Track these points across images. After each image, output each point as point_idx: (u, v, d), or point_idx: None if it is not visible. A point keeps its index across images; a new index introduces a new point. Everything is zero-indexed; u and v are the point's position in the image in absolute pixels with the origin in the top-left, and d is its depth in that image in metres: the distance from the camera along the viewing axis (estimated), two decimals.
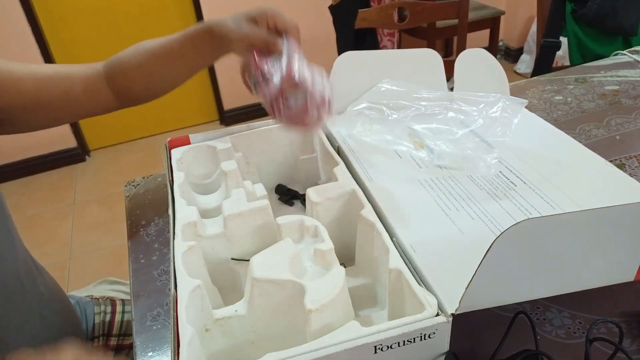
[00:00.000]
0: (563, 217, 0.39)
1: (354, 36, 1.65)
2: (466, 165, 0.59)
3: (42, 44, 2.13)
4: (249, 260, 0.46)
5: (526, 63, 2.78)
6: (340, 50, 1.76)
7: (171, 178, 0.60)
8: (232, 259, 0.54)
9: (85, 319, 0.74)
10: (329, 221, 0.54)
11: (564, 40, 1.48)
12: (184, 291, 0.43)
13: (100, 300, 0.78)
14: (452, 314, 0.39)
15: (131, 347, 0.59)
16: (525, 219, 0.36)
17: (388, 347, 0.38)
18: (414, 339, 0.39)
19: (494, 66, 0.73)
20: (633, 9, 1.35)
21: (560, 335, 0.48)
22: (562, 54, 1.65)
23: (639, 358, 0.45)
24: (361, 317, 0.49)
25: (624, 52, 1.08)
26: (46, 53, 2.16)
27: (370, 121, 0.67)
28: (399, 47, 2.55)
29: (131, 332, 0.55)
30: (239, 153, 0.66)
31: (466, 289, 0.38)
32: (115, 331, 0.75)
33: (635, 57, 1.05)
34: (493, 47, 2.32)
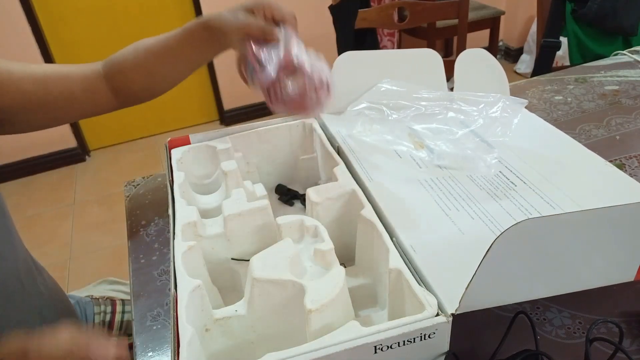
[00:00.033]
0: (563, 217, 0.40)
1: (354, 36, 1.65)
2: (466, 165, 0.59)
3: (42, 44, 2.13)
4: (249, 260, 0.46)
5: (526, 63, 2.79)
6: (340, 50, 1.75)
7: (171, 178, 0.60)
8: (232, 259, 0.54)
9: (85, 319, 0.74)
10: (329, 221, 0.54)
11: (564, 40, 1.48)
12: (184, 291, 0.43)
13: (100, 300, 0.78)
14: (452, 314, 0.39)
15: (131, 347, 0.59)
16: (525, 219, 0.36)
17: (388, 347, 0.38)
18: (414, 339, 0.39)
19: (494, 66, 0.73)
20: (633, 9, 1.35)
21: (560, 335, 0.48)
22: (562, 54, 1.65)
23: (639, 358, 0.45)
24: (361, 317, 0.49)
25: (624, 52, 1.08)
26: (46, 53, 2.16)
27: (370, 121, 0.67)
28: (399, 47, 2.55)
29: (131, 332, 0.55)
30: (239, 153, 0.66)
31: (466, 289, 0.38)
32: (115, 331, 0.75)
33: (635, 57, 1.05)
34: (493, 47, 2.32)
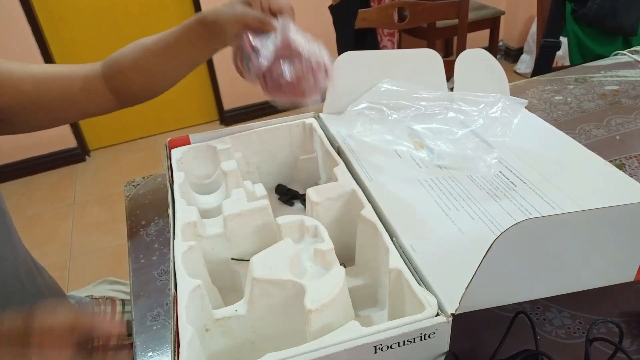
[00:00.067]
0: (563, 217, 0.40)
1: (354, 36, 1.65)
2: (466, 165, 0.59)
3: (42, 44, 2.13)
4: (249, 260, 0.46)
5: (526, 63, 2.79)
6: (340, 50, 1.75)
7: (171, 178, 0.60)
8: (232, 259, 0.54)
9: None
10: (329, 221, 0.54)
11: (564, 40, 1.48)
12: (184, 291, 0.43)
13: (100, 300, 0.78)
14: (452, 314, 0.39)
15: (131, 347, 0.59)
16: (525, 219, 0.36)
17: (388, 347, 0.38)
18: (414, 339, 0.39)
19: (494, 66, 0.73)
20: (633, 9, 1.35)
21: (560, 335, 0.48)
22: (562, 54, 1.65)
23: (639, 358, 0.45)
24: (361, 317, 0.49)
25: (624, 52, 1.08)
26: (46, 53, 2.16)
27: (370, 121, 0.67)
28: (399, 47, 2.55)
29: (131, 332, 0.55)
30: (239, 153, 0.66)
31: (466, 289, 0.38)
32: None
33: (635, 57, 1.05)
34: (493, 47, 2.32)
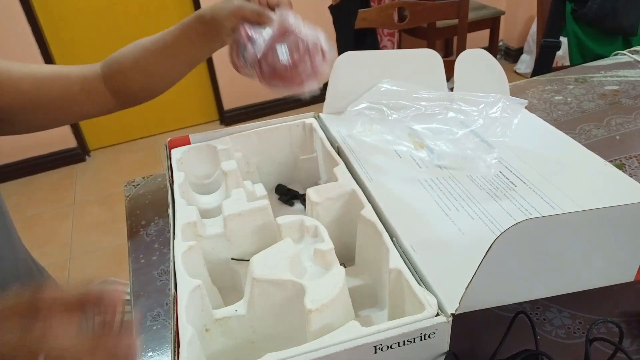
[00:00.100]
0: (563, 217, 0.40)
1: (354, 36, 1.65)
2: (466, 165, 0.59)
3: (42, 44, 2.13)
4: (249, 260, 0.46)
5: (526, 63, 2.79)
6: (340, 50, 1.75)
7: (171, 178, 0.60)
8: (232, 259, 0.54)
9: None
10: (329, 221, 0.54)
11: (564, 40, 1.47)
12: (184, 291, 0.43)
13: None
14: (452, 314, 0.39)
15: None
16: (525, 219, 0.36)
17: (388, 347, 0.38)
18: (414, 339, 0.39)
19: (494, 66, 0.73)
20: (633, 9, 1.35)
21: (560, 335, 0.48)
22: (562, 54, 1.65)
23: (639, 358, 0.45)
24: (361, 317, 0.49)
25: (624, 52, 1.08)
26: (46, 53, 2.16)
27: (370, 121, 0.67)
28: (399, 47, 2.55)
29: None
30: (239, 153, 0.66)
31: (466, 289, 0.38)
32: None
33: (635, 57, 1.05)
34: (493, 47, 2.32)
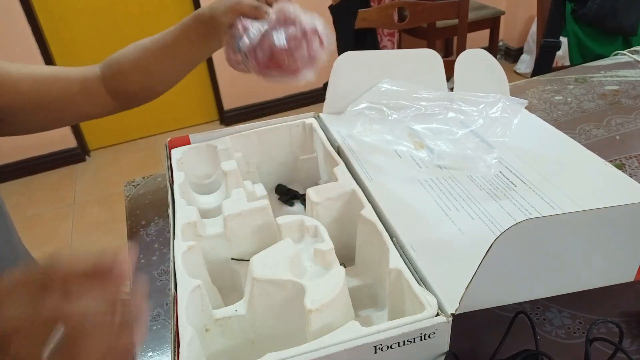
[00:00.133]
0: (563, 217, 0.40)
1: (354, 36, 1.65)
2: (466, 165, 0.59)
3: (42, 44, 2.13)
4: (249, 260, 0.46)
5: (526, 63, 2.78)
6: (340, 50, 1.75)
7: (171, 178, 0.60)
8: (232, 259, 0.54)
9: None
10: (329, 221, 0.54)
11: (564, 40, 1.47)
12: (184, 291, 0.43)
13: None
14: (452, 314, 0.39)
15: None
16: (525, 219, 0.36)
17: (388, 347, 0.38)
18: (414, 339, 0.39)
19: (494, 66, 0.73)
20: (633, 9, 1.35)
21: (560, 335, 0.48)
22: (562, 54, 1.65)
23: (639, 358, 0.45)
24: (361, 317, 0.49)
25: (624, 52, 1.08)
26: (46, 53, 2.16)
27: (370, 121, 0.67)
28: (399, 47, 2.55)
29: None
30: (239, 153, 0.66)
31: (466, 289, 0.38)
32: None
33: (635, 57, 1.05)
34: (493, 47, 2.32)
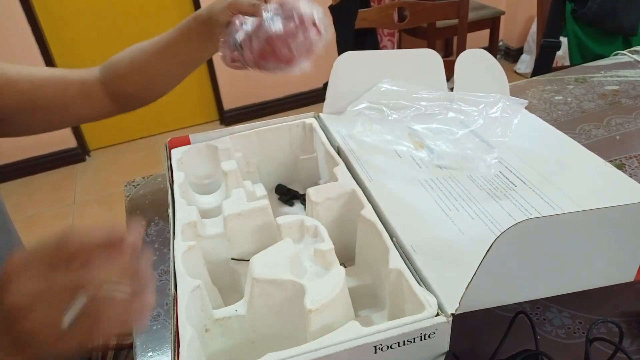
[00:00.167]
0: (563, 217, 0.40)
1: (354, 36, 1.65)
2: (466, 165, 0.59)
3: (42, 44, 2.13)
4: (249, 260, 0.46)
5: (526, 63, 2.78)
6: (340, 50, 1.75)
7: (171, 178, 0.60)
8: (232, 259, 0.54)
9: None
10: (329, 221, 0.54)
11: (564, 40, 1.47)
12: (184, 291, 0.43)
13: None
14: (452, 314, 0.39)
15: (131, 347, 0.59)
16: (525, 219, 0.36)
17: (388, 347, 0.38)
18: (414, 339, 0.39)
19: (494, 66, 0.73)
20: (633, 9, 1.35)
21: (560, 335, 0.48)
22: (562, 54, 1.65)
23: (639, 358, 0.45)
24: (361, 317, 0.49)
25: (624, 52, 1.08)
26: (46, 53, 2.16)
27: (370, 121, 0.67)
28: (399, 47, 2.55)
29: (131, 332, 0.55)
30: (239, 153, 0.66)
31: (466, 289, 0.38)
32: None
33: (635, 57, 1.05)
34: (493, 47, 2.32)
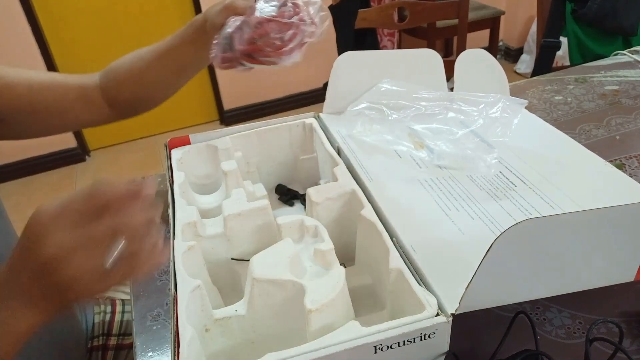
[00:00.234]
0: (563, 217, 0.40)
1: (354, 36, 1.65)
2: (466, 165, 0.59)
3: (42, 44, 2.13)
4: (249, 260, 0.46)
5: (526, 63, 2.78)
6: (340, 50, 1.75)
7: (171, 178, 0.60)
8: (232, 259, 0.54)
9: (85, 319, 0.74)
10: (329, 221, 0.54)
11: (564, 40, 1.47)
12: (184, 291, 0.43)
13: (100, 300, 0.78)
14: (452, 314, 0.39)
15: (131, 347, 0.59)
16: (525, 219, 0.36)
17: (388, 347, 0.38)
18: (414, 339, 0.39)
19: (494, 66, 0.73)
20: (633, 9, 1.35)
21: (560, 335, 0.48)
22: (562, 54, 1.65)
23: (639, 358, 0.45)
24: (361, 317, 0.49)
25: (624, 52, 1.08)
26: (46, 53, 2.16)
27: (370, 121, 0.67)
28: (399, 47, 2.55)
29: (131, 332, 0.55)
30: (239, 153, 0.66)
31: (466, 289, 0.38)
32: (115, 331, 0.75)
33: (635, 57, 1.05)
34: (493, 47, 2.32)
